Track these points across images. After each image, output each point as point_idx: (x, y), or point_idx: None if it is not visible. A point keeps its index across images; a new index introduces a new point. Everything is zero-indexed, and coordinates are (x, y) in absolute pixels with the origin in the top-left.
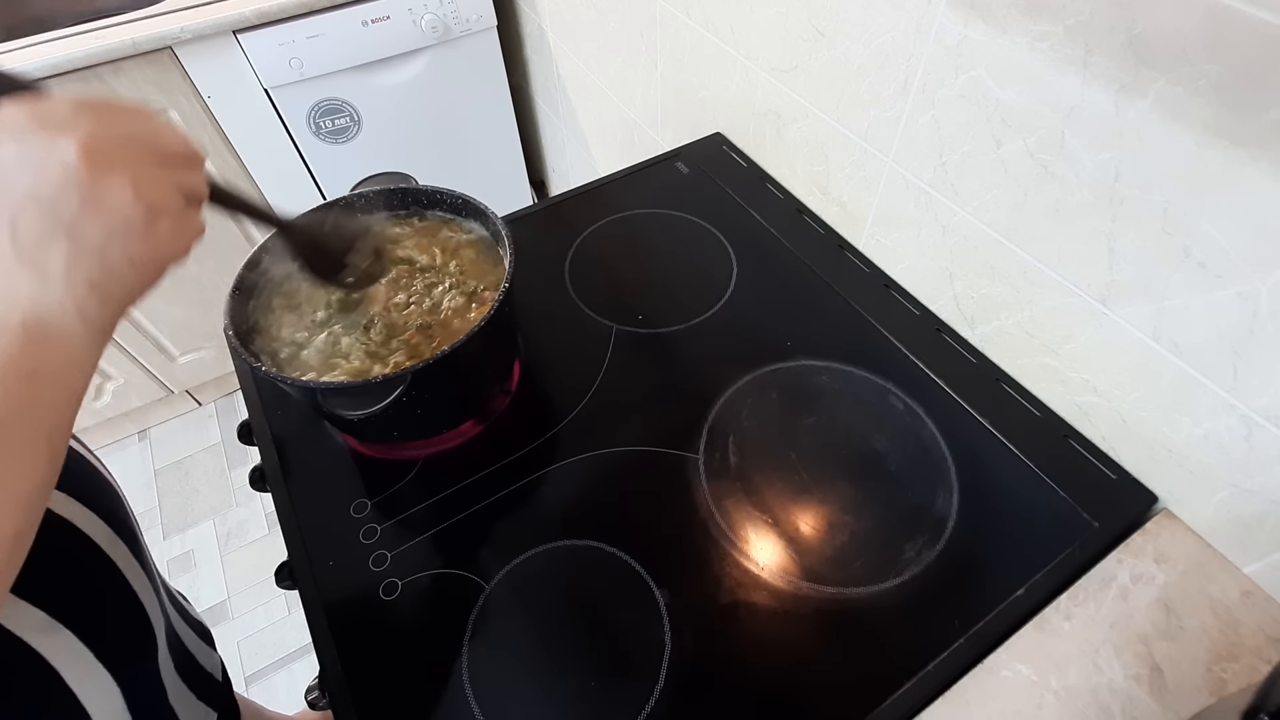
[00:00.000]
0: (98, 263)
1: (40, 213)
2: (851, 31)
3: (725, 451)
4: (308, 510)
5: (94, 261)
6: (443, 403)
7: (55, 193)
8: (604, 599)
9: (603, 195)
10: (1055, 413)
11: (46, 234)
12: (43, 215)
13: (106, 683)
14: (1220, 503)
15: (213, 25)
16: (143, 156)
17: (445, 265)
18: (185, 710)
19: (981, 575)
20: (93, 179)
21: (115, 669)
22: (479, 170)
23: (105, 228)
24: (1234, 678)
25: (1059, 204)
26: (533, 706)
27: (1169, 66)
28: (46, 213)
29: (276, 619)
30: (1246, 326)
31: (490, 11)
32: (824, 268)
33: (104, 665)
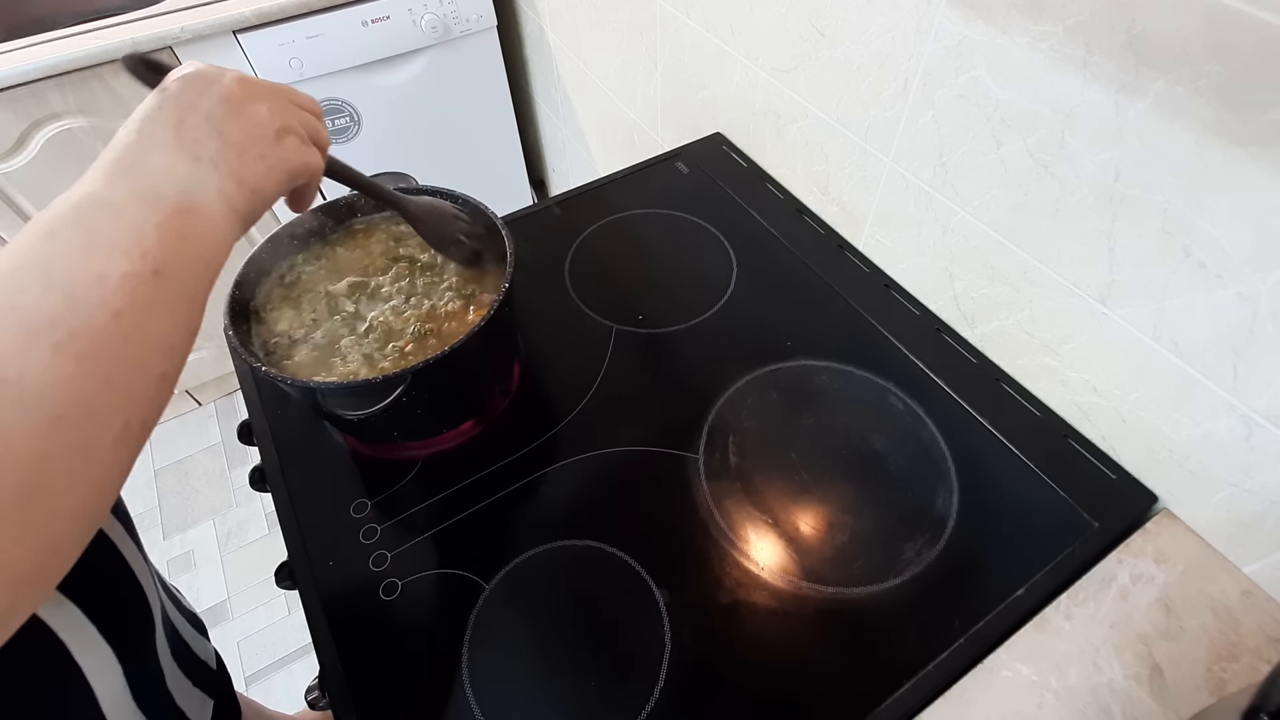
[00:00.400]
0: (237, 155)
1: (200, 117)
2: (851, 31)
3: (725, 451)
4: (308, 510)
5: (234, 154)
6: (443, 403)
7: (212, 105)
8: (604, 599)
9: (603, 195)
10: (1055, 413)
11: (202, 131)
12: (201, 118)
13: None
14: (1220, 503)
15: (213, 25)
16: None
17: (445, 264)
18: (181, 696)
19: (981, 575)
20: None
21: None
22: (479, 170)
23: (245, 131)
24: (1234, 678)
25: (1059, 204)
26: (532, 706)
27: (1169, 66)
28: (204, 118)
29: (276, 619)
30: (1246, 326)
31: (490, 11)
32: (824, 268)
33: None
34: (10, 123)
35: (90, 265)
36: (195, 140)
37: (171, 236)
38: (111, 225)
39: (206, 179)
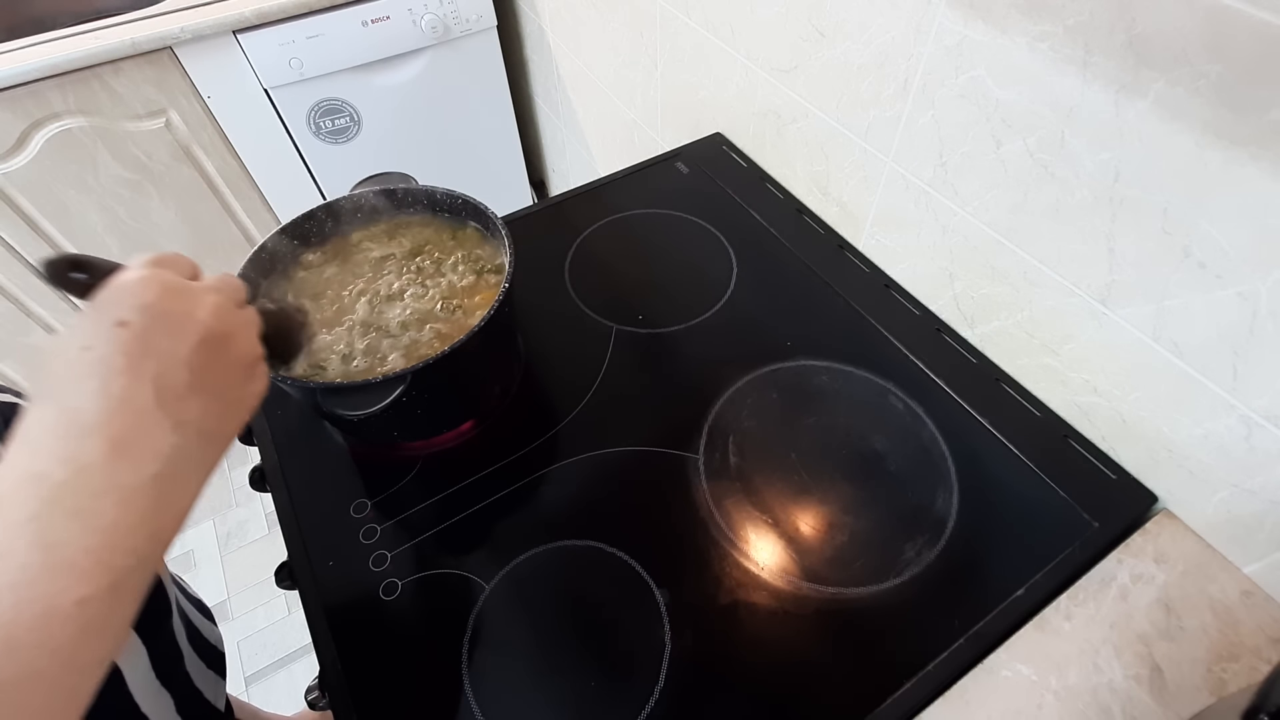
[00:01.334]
0: (219, 408)
1: (179, 367)
2: (851, 31)
3: (725, 451)
4: (308, 510)
5: (217, 408)
6: (443, 403)
7: (191, 351)
8: (604, 599)
9: (603, 195)
10: (1055, 413)
11: (183, 387)
12: (182, 369)
13: (135, 643)
14: (1220, 503)
15: (213, 25)
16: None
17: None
18: (198, 675)
19: (981, 575)
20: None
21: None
22: (479, 170)
23: (225, 378)
24: (1234, 678)
25: (1059, 204)
26: (532, 706)
27: (1169, 66)
28: (184, 369)
29: (276, 619)
30: (1246, 326)
31: (490, 11)
32: (824, 268)
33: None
34: (10, 123)
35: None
36: (178, 400)
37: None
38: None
39: (190, 451)
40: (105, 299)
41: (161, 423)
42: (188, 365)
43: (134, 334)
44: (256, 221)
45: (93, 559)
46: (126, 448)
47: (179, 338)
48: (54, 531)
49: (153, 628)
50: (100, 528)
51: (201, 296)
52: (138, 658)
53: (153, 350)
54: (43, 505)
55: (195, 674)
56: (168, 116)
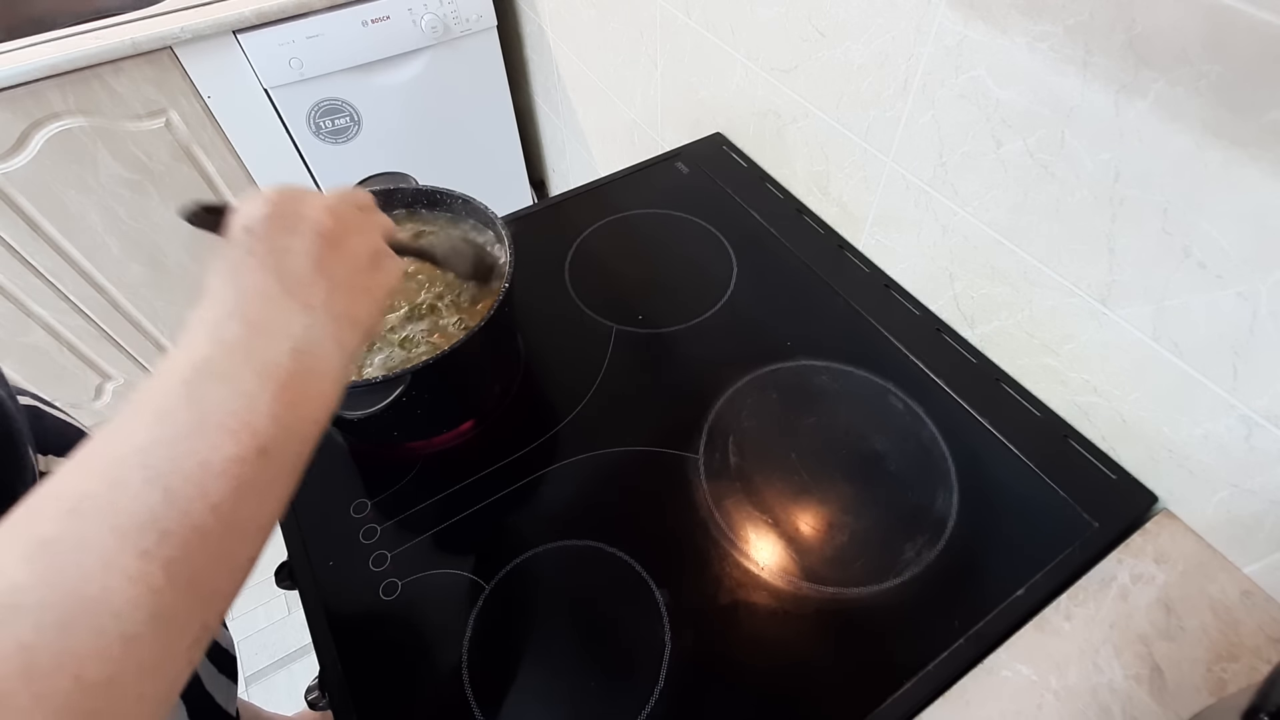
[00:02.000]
0: (346, 294)
1: (302, 260)
2: (851, 31)
3: (725, 451)
4: (308, 510)
5: (343, 293)
6: (443, 403)
7: (310, 245)
8: (604, 599)
9: (603, 195)
10: (1055, 413)
11: (307, 275)
12: (304, 262)
13: None
14: (1220, 503)
15: (213, 25)
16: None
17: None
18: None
19: (981, 575)
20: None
21: None
22: (479, 170)
23: (348, 268)
24: (1234, 678)
25: (1059, 204)
26: (532, 706)
27: (1169, 66)
28: (305, 259)
29: (276, 619)
30: (1246, 326)
31: (490, 11)
32: (824, 268)
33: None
34: (10, 123)
35: (194, 452)
36: (302, 286)
37: (284, 407)
38: (222, 402)
39: (323, 330)
40: (236, 219)
41: (289, 305)
42: (307, 255)
43: (257, 236)
44: None
45: (239, 420)
46: (261, 327)
47: (297, 234)
48: (203, 395)
49: None
50: (244, 393)
51: (314, 201)
52: None
53: (275, 247)
54: (194, 373)
55: (208, 680)
56: (168, 116)
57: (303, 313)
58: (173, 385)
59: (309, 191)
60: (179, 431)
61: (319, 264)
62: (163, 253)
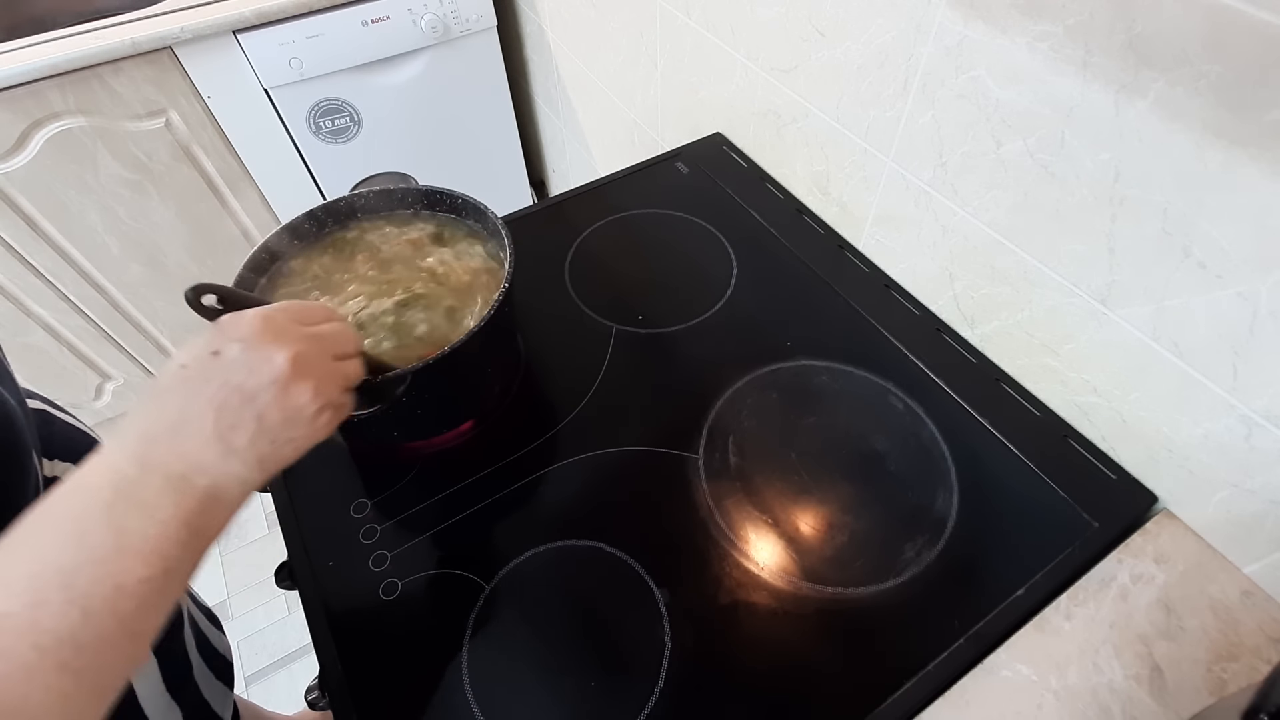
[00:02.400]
0: (269, 443)
1: (243, 400)
2: (851, 31)
3: (725, 451)
4: (308, 510)
5: (267, 442)
6: (443, 403)
7: (260, 386)
8: (604, 599)
9: (603, 195)
10: (1055, 413)
11: (242, 419)
12: (245, 402)
13: None
14: (1220, 503)
15: (213, 25)
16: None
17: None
18: (207, 688)
19: (981, 575)
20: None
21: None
22: (479, 170)
23: (285, 417)
24: (1234, 678)
25: (1059, 204)
26: (532, 706)
27: (1169, 66)
28: (248, 401)
29: (276, 619)
30: (1246, 326)
31: (490, 11)
32: (824, 268)
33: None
34: (10, 123)
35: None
36: (232, 428)
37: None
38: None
39: (234, 471)
40: (216, 327)
41: (217, 446)
42: (252, 400)
43: (220, 364)
44: (256, 221)
45: (151, 546)
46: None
47: (255, 376)
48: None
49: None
50: (159, 520)
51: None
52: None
53: (229, 380)
54: (115, 495)
55: (204, 685)
56: (168, 116)
57: (223, 454)
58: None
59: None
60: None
61: (260, 411)
62: (163, 253)
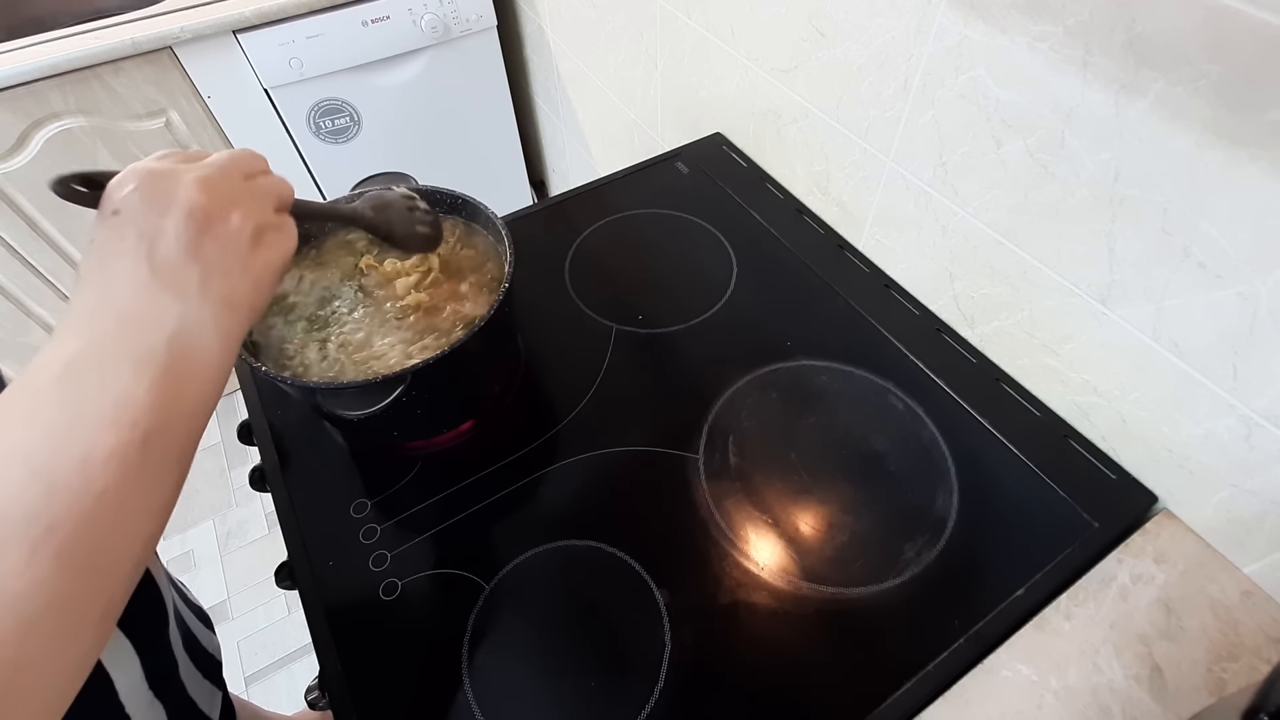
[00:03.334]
0: (223, 278)
1: (171, 245)
2: (851, 32)
3: (725, 451)
4: (308, 510)
5: (220, 278)
6: (442, 403)
7: (181, 228)
8: (604, 599)
9: (603, 195)
10: (1055, 413)
11: (178, 260)
12: (173, 247)
13: (128, 651)
14: (1220, 503)
15: (213, 25)
16: (239, 182)
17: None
18: (193, 687)
19: (981, 575)
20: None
21: (135, 638)
22: (479, 170)
23: (225, 248)
24: (1234, 678)
25: (1059, 204)
26: (533, 706)
27: (1169, 66)
28: (176, 244)
29: (276, 619)
30: (1246, 326)
31: (490, 11)
32: (824, 268)
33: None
34: (10, 123)
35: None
36: (174, 273)
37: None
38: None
39: (199, 316)
40: (104, 197)
41: (161, 294)
42: (177, 239)
43: (123, 218)
44: None
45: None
46: (133, 318)
47: (168, 215)
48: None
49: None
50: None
51: (188, 176)
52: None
53: (144, 230)
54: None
55: (190, 684)
56: (168, 116)
57: (176, 301)
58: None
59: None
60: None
61: (191, 247)
62: None
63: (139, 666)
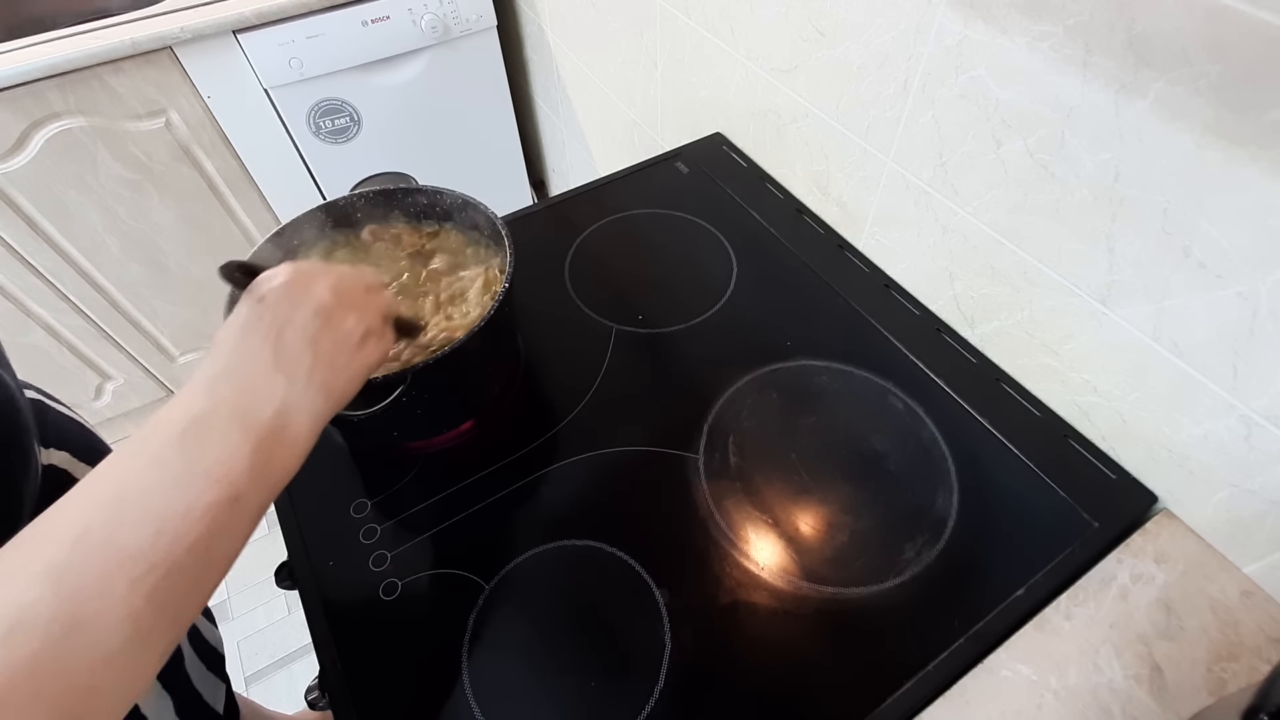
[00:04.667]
0: (328, 368)
1: (296, 332)
2: (851, 31)
3: (725, 451)
4: (308, 510)
5: (325, 367)
6: (443, 403)
7: (307, 318)
8: (604, 599)
9: (603, 195)
10: (1055, 413)
11: (298, 348)
12: (297, 333)
13: None
14: (1220, 503)
15: (213, 25)
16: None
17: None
18: (198, 677)
19: (981, 575)
20: (332, 310)
21: None
22: (479, 170)
23: (335, 343)
24: (1234, 678)
25: (1059, 204)
26: (533, 706)
27: (1169, 66)
28: (299, 332)
29: (276, 619)
30: (1246, 326)
31: (490, 11)
32: (824, 268)
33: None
34: (10, 123)
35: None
36: (292, 358)
37: (260, 461)
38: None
39: (300, 398)
40: (255, 284)
41: (278, 375)
42: (303, 331)
43: (268, 306)
44: (256, 221)
45: (220, 471)
46: (251, 390)
47: (300, 309)
48: (196, 446)
49: None
50: (228, 447)
51: (324, 280)
52: None
53: (279, 319)
54: (190, 424)
55: (195, 676)
56: (168, 116)
57: (287, 382)
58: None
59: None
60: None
61: (312, 339)
62: (162, 253)
63: None
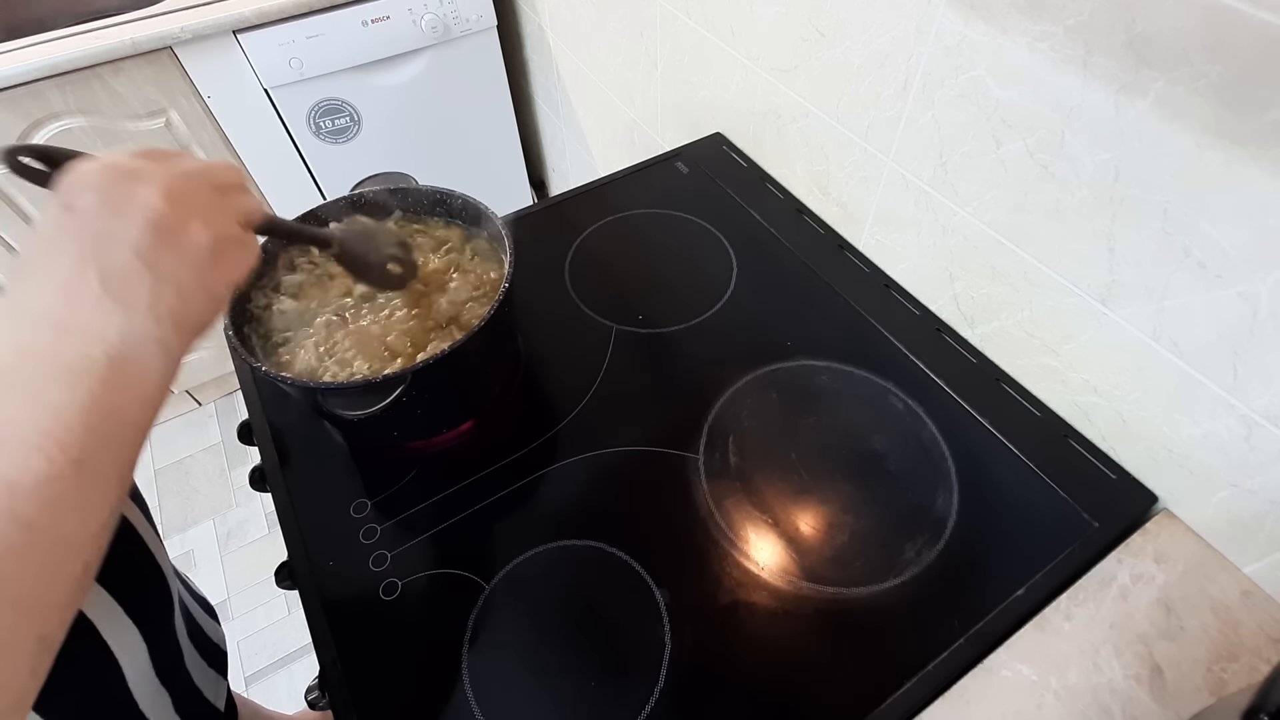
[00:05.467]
0: (176, 293)
1: (124, 252)
2: (851, 32)
3: (725, 451)
4: (308, 510)
5: (173, 292)
6: (443, 403)
7: (138, 234)
8: (604, 599)
9: (603, 195)
10: (1055, 413)
11: (131, 271)
12: (127, 254)
13: (136, 639)
14: (1220, 503)
15: (213, 25)
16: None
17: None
18: (198, 674)
19: (981, 575)
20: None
21: (143, 626)
22: (479, 170)
23: (181, 260)
24: (1234, 678)
25: (1059, 204)
26: (532, 706)
27: (1169, 66)
28: (129, 252)
29: (276, 619)
30: (1246, 326)
31: (490, 11)
32: (824, 268)
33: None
34: (10, 123)
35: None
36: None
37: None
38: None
39: (144, 332)
40: (60, 186)
41: (105, 305)
42: (132, 246)
43: (78, 219)
44: None
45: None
46: (71, 330)
47: (123, 218)
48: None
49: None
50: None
51: (152, 178)
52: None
53: (97, 231)
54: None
55: (196, 672)
56: (168, 116)
57: (120, 313)
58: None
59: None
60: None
61: (145, 256)
62: None
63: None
